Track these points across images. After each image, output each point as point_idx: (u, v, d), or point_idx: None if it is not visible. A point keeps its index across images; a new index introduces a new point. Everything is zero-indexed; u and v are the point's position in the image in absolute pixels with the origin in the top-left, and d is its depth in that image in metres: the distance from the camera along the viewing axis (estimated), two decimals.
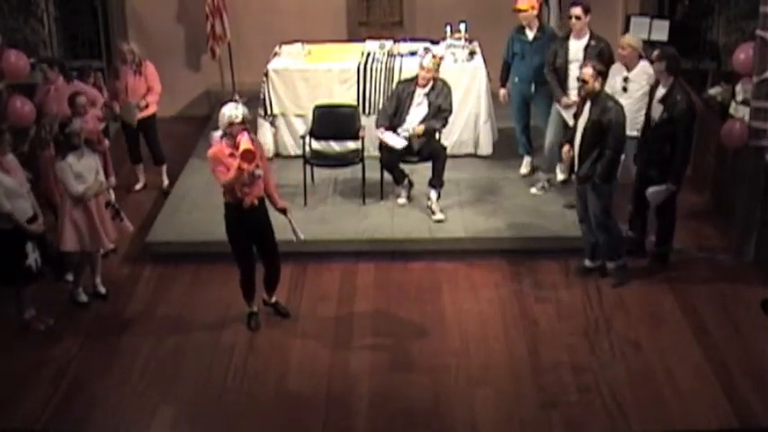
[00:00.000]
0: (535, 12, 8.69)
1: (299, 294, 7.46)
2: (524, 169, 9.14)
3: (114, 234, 7.34)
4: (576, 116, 7.27)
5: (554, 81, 8.31)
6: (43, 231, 6.94)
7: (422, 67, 8.12)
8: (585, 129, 7.06)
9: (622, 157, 7.24)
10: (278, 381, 6.44)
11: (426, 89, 8.18)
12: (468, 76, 9.37)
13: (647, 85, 7.58)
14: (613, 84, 7.74)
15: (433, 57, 8.24)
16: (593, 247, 7.50)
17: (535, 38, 8.63)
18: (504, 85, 9.00)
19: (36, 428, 6.03)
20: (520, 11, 8.62)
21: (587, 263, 7.59)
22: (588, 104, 7.06)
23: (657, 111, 7.24)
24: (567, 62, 8.22)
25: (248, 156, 6.37)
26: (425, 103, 8.18)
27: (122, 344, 6.90)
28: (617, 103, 7.11)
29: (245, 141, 6.40)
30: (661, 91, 7.25)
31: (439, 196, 8.28)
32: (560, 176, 8.81)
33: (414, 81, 8.25)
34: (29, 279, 6.90)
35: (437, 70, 8.22)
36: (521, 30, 8.72)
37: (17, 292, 7.02)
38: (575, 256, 7.72)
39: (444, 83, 8.29)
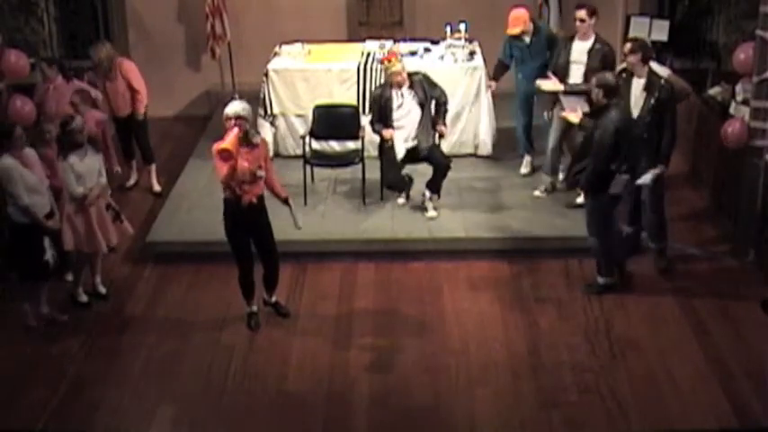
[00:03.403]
0: (527, 25, 8.64)
1: (299, 294, 7.46)
2: (525, 169, 9.14)
3: (115, 237, 7.30)
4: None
5: None
6: (59, 228, 6.92)
7: (397, 73, 8.00)
8: (582, 137, 7.07)
9: (623, 177, 7.00)
10: (278, 381, 6.45)
11: (405, 89, 8.08)
12: (468, 76, 9.37)
13: None
14: None
15: (389, 60, 8.09)
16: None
17: (531, 42, 8.62)
18: (495, 79, 9.06)
19: (36, 429, 6.03)
20: (514, 36, 8.62)
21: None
22: (593, 116, 7.09)
23: (640, 100, 7.25)
24: (568, 63, 8.19)
25: (223, 154, 6.37)
26: (412, 102, 8.08)
27: (122, 344, 6.91)
28: (613, 122, 6.83)
29: (227, 140, 6.39)
30: (640, 82, 7.26)
31: (432, 197, 8.27)
32: (562, 177, 8.81)
33: (387, 85, 8.14)
34: (46, 274, 6.91)
35: (404, 68, 8.10)
36: (517, 36, 8.70)
37: (32, 287, 7.01)
38: (575, 256, 7.72)
39: (419, 74, 8.20)
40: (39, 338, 6.96)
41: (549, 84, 8.24)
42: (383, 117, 8.14)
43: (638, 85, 7.27)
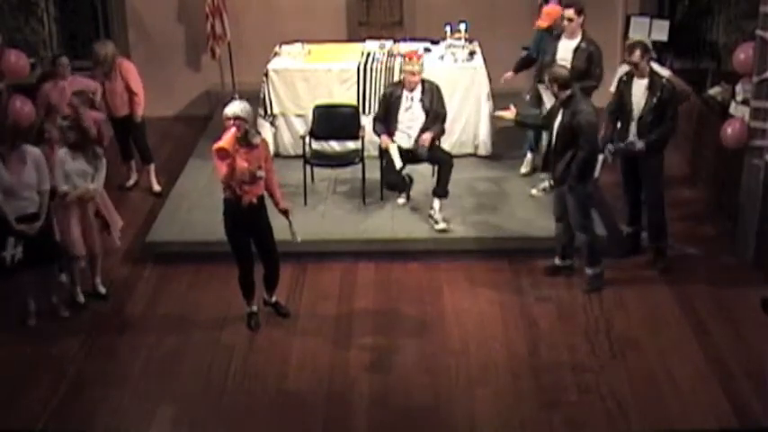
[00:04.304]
0: (557, 23, 8.55)
1: (299, 294, 7.46)
2: (525, 168, 9.14)
3: (99, 246, 7.28)
4: (552, 119, 7.27)
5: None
6: (36, 234, 6.85)
7: (411, 73, 7.96)
8: (558, 132, 7.12)
9: (600, 157, 7.36)
10: (278, 380, 6.45)
11: (416, 92, 8.04)
12: (468, 76, 9.36)
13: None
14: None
15: (411, 57, 8.06)
16: (563, 246, 7.54)
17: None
18: (515, 72, 8.96)
19: (36, 429, 6.03)
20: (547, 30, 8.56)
21: (557, 261, 7.62)
22: (562, 109, 7.11)
23: (642, 100, 7.27)
24: (553, 61, 8.19)
25: (220, 153, 6.38)
26: (419, 107, 8.05)
27: (122, 344, 6.91)
28: (589, 105, 7.15)
29: (224, 139, 6.40)
30: (642, 83, 7.29)
31: (441, 204, 8.14)
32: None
33: (400, 84, 8.12)
34: (3, 271, 6.88)
35: (422, 70, 8.07)
36: (548, 29, 8.69)
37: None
38: (575, 255, 7.72)
39: (433, 84, 8.17)
40: (39, 338, 6.96)
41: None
42: (388, 116, 8.10)
43: (640, 85, 7.29)
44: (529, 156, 9.12)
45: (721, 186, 8.52)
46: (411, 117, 8.08)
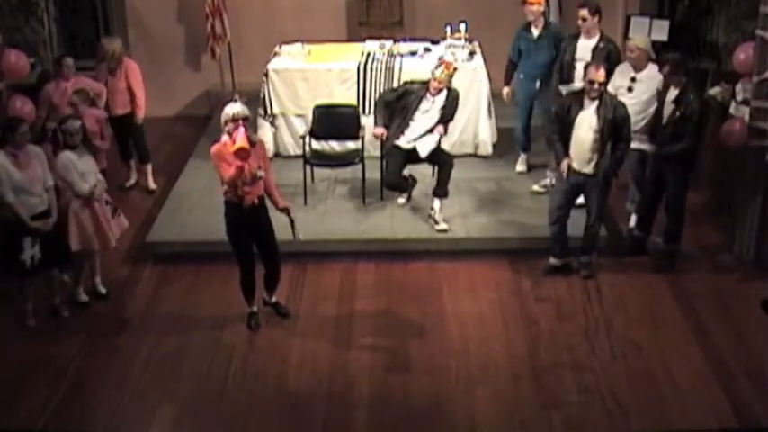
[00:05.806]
0: (542, 8, 8.62)
1: (299, 294, 7.46)
2: (520, 167, 9.15)
3: (118, 232, 7.33)
4: (570, 114, 7.26)
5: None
6: (51, 231, 6.89)
7: (434, 78, 7.93)
8: (601, 127, 7.11)
9: None
10: (278, 380, 6.45)
11: (440, 99, 8.00)
12: (468, 76, 9.34)
13: (654, 88, 7.55)
14: (619, 83, 7.77)
15: (446, 67, 7.99)
16: (561, 247, 7.56)
17: (540, 36, 8.61)
18: (507, 84, 8.99)
19: (36, 429, 6.03)
20: (529, 3, 8.56)
21: (555, 261, 7.62)
22: (596, 104, 7.10)
23: (668, 111, 7.29)
24: (573, 60, 8.21)
25: (241, 154, 6.37)
26: (437, 113, 8.01)
27: (122, 344, 6.91)
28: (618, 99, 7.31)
29: (240, 139, 6.38)
30: (674, 92, 7.28)
31: (441, 204, 8.13)
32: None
33: (425, 87, 8.04)
34: (21, 273, 6.91)
35: (449, 81, 8.04)
36: (527, 27, 8.71)
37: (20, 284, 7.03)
38: (575, 255, 7.72)
39: (456, 93, 8.14)
40: (39, 338, 6.96)
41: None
42: (401, 111, 8.03)
43: (671, 95, 7.29)
44: (522, 155, 9.13)
45: (721, 186, 8.52)
46: (426, 119, 8.03)
